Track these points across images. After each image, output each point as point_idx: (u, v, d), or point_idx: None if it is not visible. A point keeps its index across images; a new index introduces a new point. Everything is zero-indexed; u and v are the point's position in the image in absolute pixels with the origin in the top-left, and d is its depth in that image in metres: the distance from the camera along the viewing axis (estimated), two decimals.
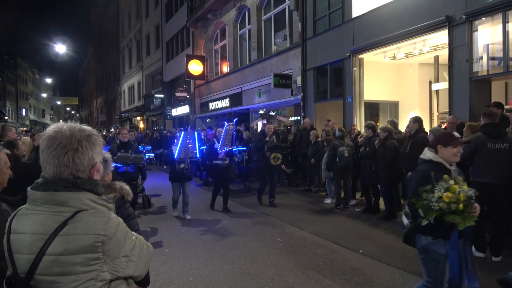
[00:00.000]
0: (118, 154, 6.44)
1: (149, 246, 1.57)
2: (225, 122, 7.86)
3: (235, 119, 8.78)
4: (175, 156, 7.17)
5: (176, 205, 7.64)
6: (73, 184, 1.35)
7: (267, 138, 8.33)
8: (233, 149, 8.21)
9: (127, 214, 2.39)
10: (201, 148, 10.01)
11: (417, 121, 6.45)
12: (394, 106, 11.24)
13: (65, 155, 1.35)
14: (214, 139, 8.15)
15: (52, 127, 1.41)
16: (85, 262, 1.29)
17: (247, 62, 16.13)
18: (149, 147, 13.50)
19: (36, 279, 1.29)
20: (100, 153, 1.46)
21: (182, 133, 7.42)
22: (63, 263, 1.28)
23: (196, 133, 8.40)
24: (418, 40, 8.72)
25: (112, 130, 16.60)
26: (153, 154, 11.32)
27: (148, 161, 13.26)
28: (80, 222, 1.31)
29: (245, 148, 10.04)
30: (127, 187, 2.42)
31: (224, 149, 7.84)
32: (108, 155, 2.64)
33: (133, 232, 1.49)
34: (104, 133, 14.31)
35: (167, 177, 7.89)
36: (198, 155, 7.98)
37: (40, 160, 1.39)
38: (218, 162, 7.80)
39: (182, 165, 7.14)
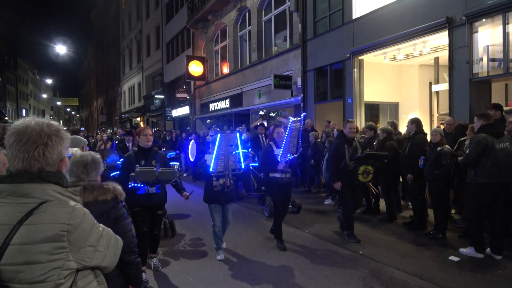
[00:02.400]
0: (138, 168, 4.22)
1: (118, 239, 1.62)
2: (290, 117, 5.55)
3: (303, 113, 5.67)
4: (211, 170, 4.91)
5: (220, 242, 5.21)
6: (38, 177, 1.39)
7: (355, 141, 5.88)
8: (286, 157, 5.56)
9: (120, 215, 2.39)
10: (244, 152, 7.50)
11: (414, 122, 6.44)
12: (394, 107, 11.25)
13: (35, 150, 1.39)
14: (271, 142, 5.71)
15: (19, 122, 1.43)
16: (50, 251, 1.31)
17: (247, 63, 16.15)
18: (172, 153, 9.88)
19: (0, 269, 1.30)
20: (67, 147, 1.51)
21: (218, 136, 4.93)
22: (28, 252, 1.30)
23: (238, 134, 5.69)
24: (418, 41, 8.73)
25: (119, 130, 13.97)
26: (177, 163, 8.38)
27: None
28: (46, 212, 1.34)
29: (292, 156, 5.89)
30: (119, 187, 2.41)
31: (287, 156, 5.46)
32: (98, 156, 2.57)
33: (100, 224, 1.52)
34: (107, 133, 13.47)
35: (192, 188, 5.93)
36: (243, 166, 5.43)
37: (7, 155, 1.42)
38: (277, 175, 5.51)
39: (221, 181, 4.97)
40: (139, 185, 4.28)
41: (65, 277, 1.35)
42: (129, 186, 4.22)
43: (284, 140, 5.44)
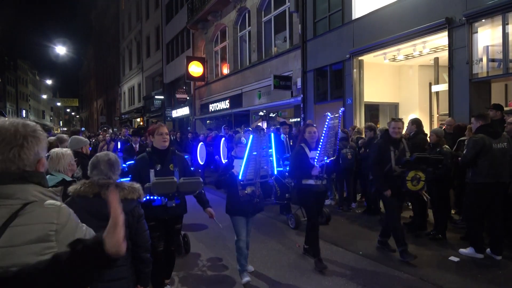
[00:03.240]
0: (155, 179, 3.50)
1: None
2: (328, 113, 4.85)
3: (342, 109, 5.18)
4: (240, 177, 4.19)
5: (245, 262, 4.43)
6: (20, 177, 1.36)
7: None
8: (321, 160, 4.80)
9: (141, 214, 2.53)
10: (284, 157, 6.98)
11: (415, 122, 6.45)
12: (394, 108, 11.25)
13: (10, 151, 1.36)
14: (302, 144, 4.87)
15: None
16: (39, 252, 1.30)
17: (247, 64, 16.16)
18: (185, 156, 7.29)
19: None
20: (45, 147, 1.48)
21: (251, 136, 4.22)
22: (16, 254, 1.28)
23: (273, 134, 4.93)
24: (418, 42, 8.74)
25: (123, 129, 12.90)
26: (191, 168, 6.32)
27: None
28: (33, 213, 1.32)
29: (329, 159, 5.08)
30: (141, 188, 2.52)
31: (323, 160, 4.75)
32: (113, 155, 2.64)
33: (83, 224, 1.51)
34: (109, 134, 13.00)
35: (210, 195, 5.15)
36: (275, 172, 4.72)
37: None
38: (311, 182, 4.75)
39: (249, 189, 4.28)
40: (155, 197, 3.61)
41: None
42: (144, 199, 3.37)
43: (322, 140, 4.69)
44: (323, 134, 4.70)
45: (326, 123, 4.72)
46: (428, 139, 6.42)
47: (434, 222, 6.00)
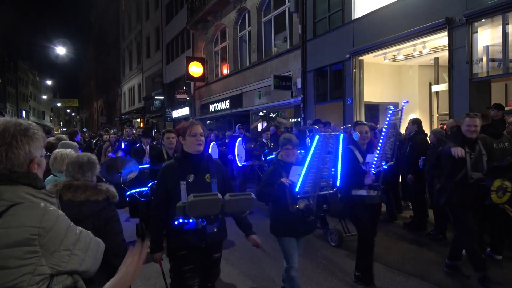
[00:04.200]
0: (192, 196, 2.48)
1: (98, 242, 1.53)
2: (391, 106, 3.99)
3: (405, 101, 4.14)
4: (297, 189, 3.31)
5: None
6: (8, 178, 1.32)
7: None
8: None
9: (111, 216, 2.39)
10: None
11: (415, 122, 6.45)
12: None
13: None
14: (351, 146, 4.03)
15: None
16: (20, 256, 1.24)
17: (247, 64, 16.17)
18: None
19: None
20: (40, 147, 1.42)
21: (316, 137, 3.40)
22: None
23: (342, 136, 3.60)
24: (418, 42, 8.75)
25: (126, 129, 11.13)
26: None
27: None
28: (15, 215, 1.27)
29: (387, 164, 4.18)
30: (113, 189, 2.40)
31: (382, 165, 3.95)
32: (94, 157, 2.54)
33: (78, 227, 1.45)
34: (111, 134, 12.58)
35: None
36: (338, 183, 3.70)
37: None
38: (362, 192, 3.98)
39: (302, 204, 3.41)
40: (189, 220, 2.67)
41: (38, 283, 1.27)
42: (176, 223, 2.67)
43: (381, 139, 3.85)
44: (383, 133, 3.85)
45: (388, 118, 3.83)
46: (428, 139, 6.43)
47: (435, 222, 6.00)
